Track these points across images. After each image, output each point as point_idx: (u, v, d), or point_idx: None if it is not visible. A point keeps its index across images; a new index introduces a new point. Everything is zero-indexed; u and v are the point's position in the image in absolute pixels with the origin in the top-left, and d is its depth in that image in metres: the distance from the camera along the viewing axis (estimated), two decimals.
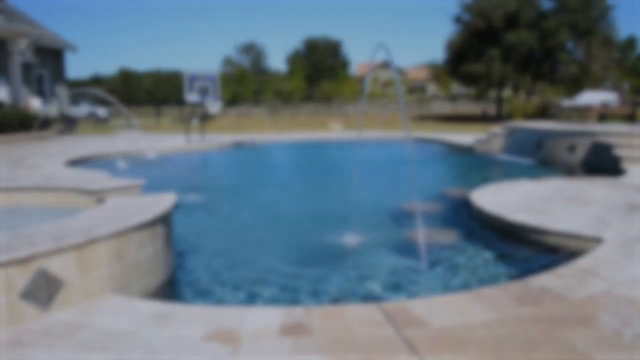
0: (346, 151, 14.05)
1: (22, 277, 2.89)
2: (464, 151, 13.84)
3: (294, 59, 57.13)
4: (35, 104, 17.94)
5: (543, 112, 20.70)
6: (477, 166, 11.25)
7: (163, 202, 4.25)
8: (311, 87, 54.75)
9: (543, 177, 7.77)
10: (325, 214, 6.75)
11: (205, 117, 16.51)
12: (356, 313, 2.95)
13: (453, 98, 51.01)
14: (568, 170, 9.86)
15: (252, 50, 61.54)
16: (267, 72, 61.64)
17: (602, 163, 9.55)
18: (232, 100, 51.44)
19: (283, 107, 46.00)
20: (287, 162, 13.62)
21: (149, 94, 57.41)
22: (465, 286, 3.93)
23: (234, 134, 19.71)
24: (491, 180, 7.60)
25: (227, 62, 60.32)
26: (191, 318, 2.93)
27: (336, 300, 3.73)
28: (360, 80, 59.20)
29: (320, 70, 56.58)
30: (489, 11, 26.63)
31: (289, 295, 3.84)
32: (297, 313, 2.97)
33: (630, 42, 42.50)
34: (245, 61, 61.14)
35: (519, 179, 7.29)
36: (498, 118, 27.24)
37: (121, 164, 10.98)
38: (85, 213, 4.01)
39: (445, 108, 45.66)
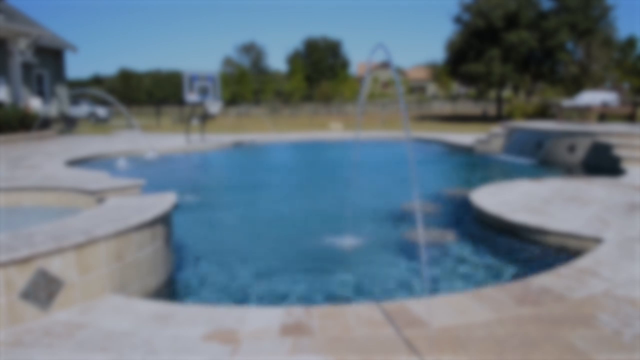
0: (346, 151, 14.04)
1: (22, 277, 2.89)
2: (464, 151, 13.83)
3: (294, 59, 57.14)
4: (35, 104, 17.94)
5: (543, 112, 20.70)
6: (477, 166, 11.25)
7: (163, 202, 4.25)
8: (311, 87, 54.77)
9: (543, 177, 7.77)
10: (325, 214, 6.74)
11: (205, 117, 16.51)
12: (356, 313, 2.95)
13: (453, 98, 51.04)
14: (568, 170, 9.86)
15: (252, 50, 61.55)
16: (267, 72, 61.64)
17: (602, 163, 9.55)
18: (232, 100, 51.44)
19: (283, 107, 46.00)
20: (287, 162, 13.61)
21: (149, 94, 57.40)
22: (465, 286, 3.93)
23: (234, 134, 19.70)
24: (491, 180, 7.61)
25: (227, 62, 60.32)
26: (191, 318, 2.93)
27: (336, 300, 3.73)
28: (360, 80, 59.22)
29: (320, 70, 56.61)
30: (489, 11, 26.62)
31: (288, 296, 3.84)
32: (297, 313, 2.97)
33: (630, 42, 42.46)
34: (245, 61, 61.15)
35: (519, 179, 7.29)
36: (498, 118, 27.23)
37: (121, 164, 10.97)
38: (85, 213, 4.00)
39: (445, 108, 45.68)
